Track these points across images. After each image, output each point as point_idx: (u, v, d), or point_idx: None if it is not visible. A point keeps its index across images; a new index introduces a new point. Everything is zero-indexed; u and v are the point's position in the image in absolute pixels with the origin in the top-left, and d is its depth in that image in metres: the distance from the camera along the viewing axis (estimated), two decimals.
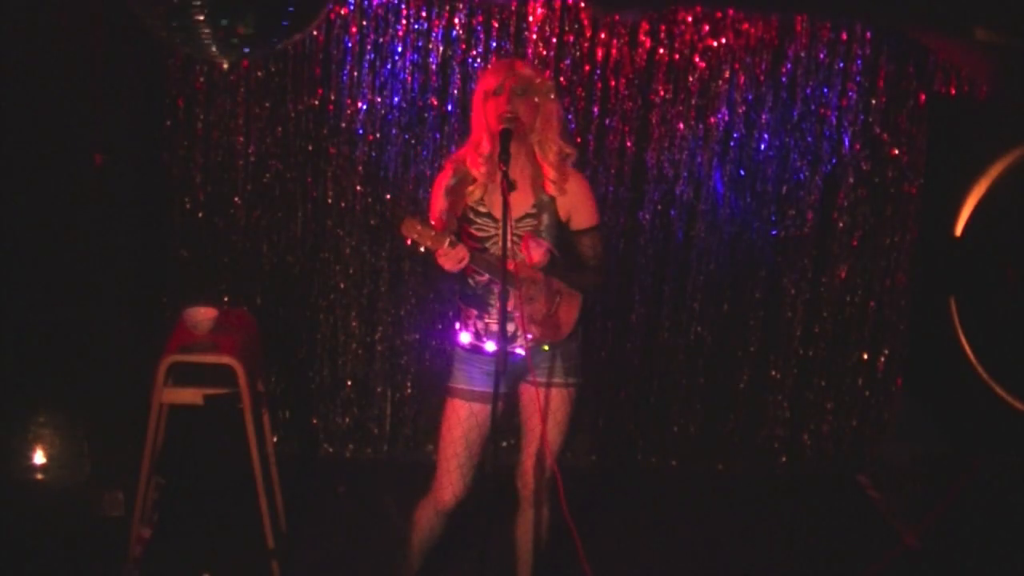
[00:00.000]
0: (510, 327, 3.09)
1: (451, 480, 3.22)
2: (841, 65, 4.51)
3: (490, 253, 3.09)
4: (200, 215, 4.41)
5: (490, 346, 3.18)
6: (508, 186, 2.88)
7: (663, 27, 4.39)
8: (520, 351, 3.17)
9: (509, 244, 2.91)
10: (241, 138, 4.36)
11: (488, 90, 3.05)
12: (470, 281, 3.18)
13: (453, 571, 3.69)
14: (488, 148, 3.07)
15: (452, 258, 2.92)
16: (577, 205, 3.16)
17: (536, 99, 3.06)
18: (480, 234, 3.13)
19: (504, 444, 4.45)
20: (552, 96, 3.09)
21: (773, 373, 4.85)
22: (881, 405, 4.88)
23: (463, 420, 3.21)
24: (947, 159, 4.08)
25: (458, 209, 3.13)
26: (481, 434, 3.22)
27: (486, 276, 3.10)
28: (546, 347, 3.19)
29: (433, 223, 2.98)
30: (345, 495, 4.43)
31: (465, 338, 3.23)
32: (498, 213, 3.05)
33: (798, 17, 4.42)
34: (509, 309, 2.99)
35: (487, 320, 3.18)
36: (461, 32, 4.33)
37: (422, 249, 2.92)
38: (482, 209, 3.13)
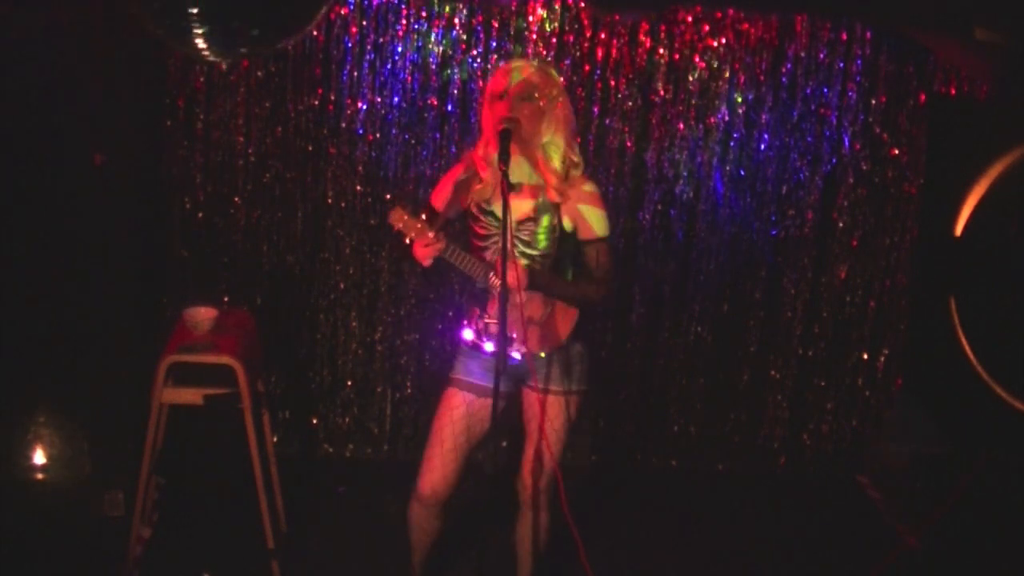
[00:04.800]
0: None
1: (429, 469, 3.20)
2: (841, 65, 4.51)
3: (464, 255, 3.06)
4: (200, 215, 4.41)
5: (488, 346, 3.18)
6: (508, 187, 2.86)
7: (663, 27, 4.39)
8: (517, 355, 3.16)
9: (508, 246, 2.90)
10: (241, 138, 4.36)
11: (494, 93, 3.03)
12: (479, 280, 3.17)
13: (453, 573, 3.69)
14: (493, 150, 3.03)
15: (427, 252, 2.97)
16: (582, 215, 3.10)
17: (542, 104, 3.02)
18: (483, 232, 3.13)
19: (504, 444, 4.46)
20: (560, 102, 3.05)
21: (773, 373, 4.85)
22: (881, 405, 4.88)
23: (454, 408, 3.20)
24: (947, 159, 4.08)
25: (463, 203, 3.13)
26: (470, 427, 3.20)
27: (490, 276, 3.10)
28: (543, 354, 3.18)
29: (423, 213, 2.99)
30: (345, 495, 4.43)
31: (468, 335, 3.24)
32: (500, 213, 3.04)
33: (798, 17, 4.42)
34: (494, 312, 3.07)
35: (487, 320, 3.18)
36: (461, 32, 4.33)
37: (407, 240, 2.96)
38: (486, 207, 3.12)
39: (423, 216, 2.96)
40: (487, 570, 3.04)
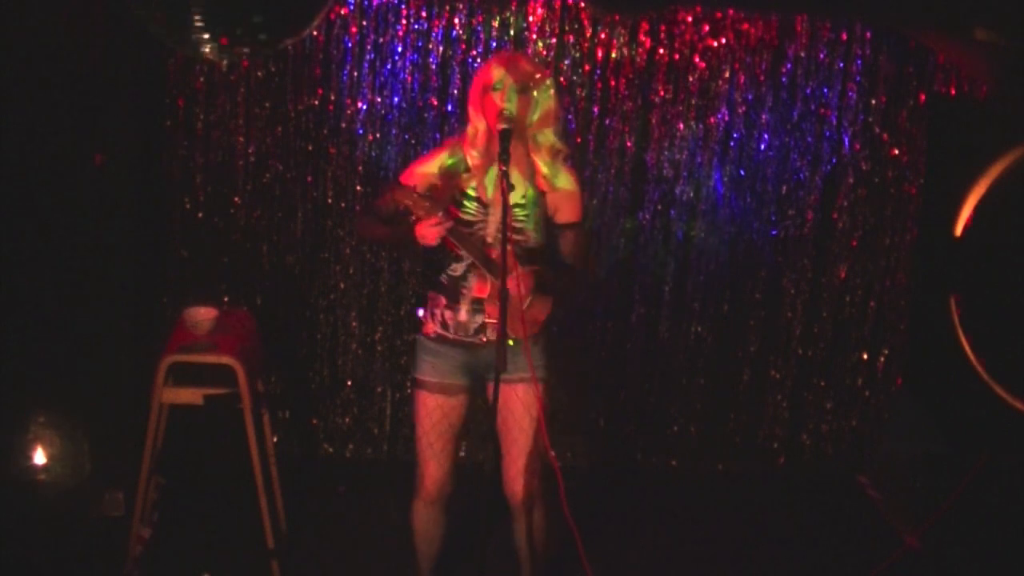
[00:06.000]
0: (478, 319, 3.13)
1: (428, 470, 3.24)
2: (841, 65, 4.51)
3: (475, 236, 3.08)
4: (200, 215, 4.41)
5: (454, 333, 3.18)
6: (509, 186, 2.89)
7: (663, 27, 4.39)
8: (484, 340, 3.16)
9: (494, 233, 2.99)
10: (241, 138, 4.36)
11: (488, 84, 3.05)
12: (447, 270, 3.17)
13: (454, 574, 3.69)
14: (483, 141, 3.08)
15: (436, 232, 2.97)
16: (563, 200, 3.17)
17: (535, 95, 3.05)
18: (468, 218, 3.13)
19: None
20: (551, 93, 3.09)
21: (773, 373, 4.85)
22: (881, 405, 4.88)
23: (431, 412, 3.23)
24: (947, 159, 4.09)
25: (449, 190, 3.13)
26: (452, 425, 3.24)
27: (462, 267, 3.12)
28: (511, 342, 3.12)
29: (429, 194, 3.02)
30: (345, 495, 4.43)
31: (431, 327, 3.23)
32: (485, 199, 3.10)
33: (798, 17, 4.42)
34: (482, 295, 3.11)
35: (457, 310, 3.16)
36: (461, 32, 4.33)
37: (413, 219, 2.99)
38: (472, 194, 3.13)
39: (431, 196, 3.01)
40: (487, 570, 3.03)
